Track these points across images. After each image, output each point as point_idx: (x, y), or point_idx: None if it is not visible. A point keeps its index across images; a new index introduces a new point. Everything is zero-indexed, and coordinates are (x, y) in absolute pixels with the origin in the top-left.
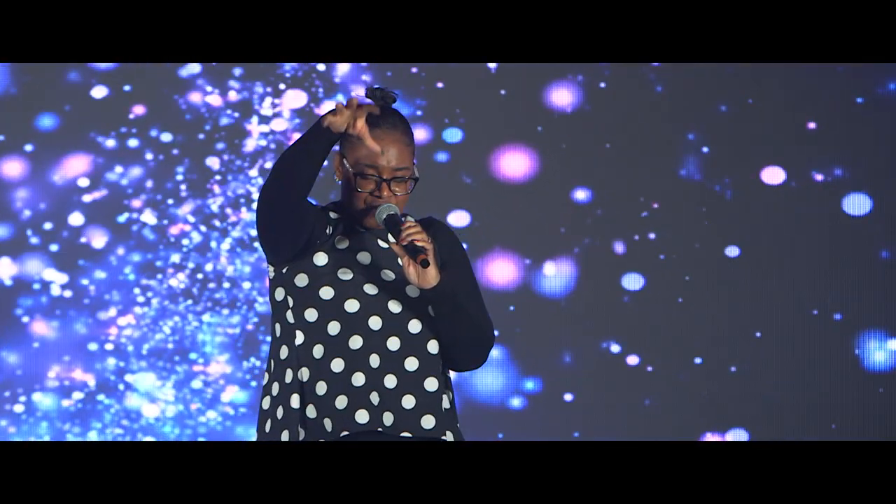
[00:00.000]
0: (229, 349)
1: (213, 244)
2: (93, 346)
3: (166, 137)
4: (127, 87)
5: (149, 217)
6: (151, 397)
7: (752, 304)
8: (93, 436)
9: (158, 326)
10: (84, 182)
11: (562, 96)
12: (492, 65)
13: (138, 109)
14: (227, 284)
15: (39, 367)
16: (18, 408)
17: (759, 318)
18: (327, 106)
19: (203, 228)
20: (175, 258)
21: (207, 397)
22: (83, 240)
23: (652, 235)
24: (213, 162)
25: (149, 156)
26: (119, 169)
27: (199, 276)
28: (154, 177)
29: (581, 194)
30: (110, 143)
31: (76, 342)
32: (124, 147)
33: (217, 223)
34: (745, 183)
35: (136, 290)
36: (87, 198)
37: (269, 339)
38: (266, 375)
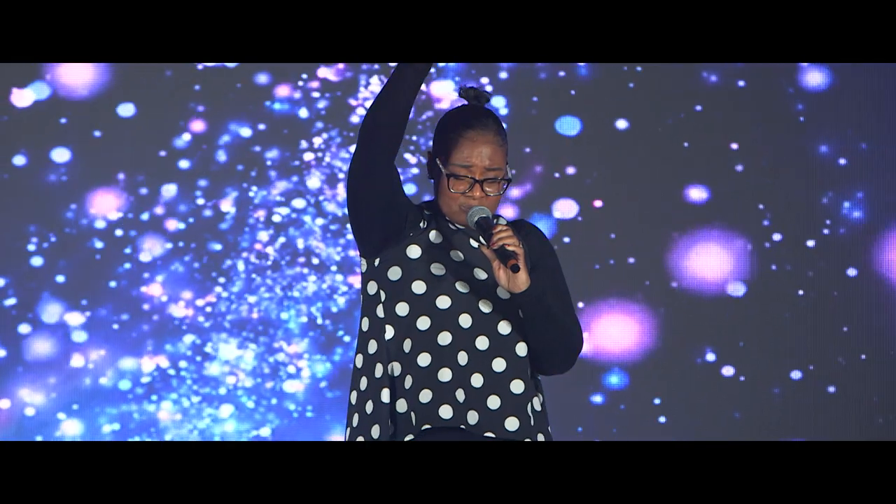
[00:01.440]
0: (306, 332)
1: (308, 218)
2: (179, 312)
3: (245, 132)
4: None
5: (228, 206)
6: (231, 366)
7: (863, 327)
8: (166, 406)
9: (244, 298)
10: (175, 171)
11: (691, 96)
12: (630, 64)
13: (216, 103)
14: (315, 261)
15: (124, 350)
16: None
17: (869, 341)
18: (437, 85)
19: (299, 205)
20: (263, 236)
21: (283, 376)
22: (154, 234)
23: (766, 244)
24: (316, 140)
25: (223, 155)
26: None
27: (289, 249)
28: (242, 162)
29: (697, 193)
30: (186, 136)
31: (152, 328)
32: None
33: (311, 199)
34: (876, 202)
35: (215, 273)
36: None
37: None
38: (354, 371)
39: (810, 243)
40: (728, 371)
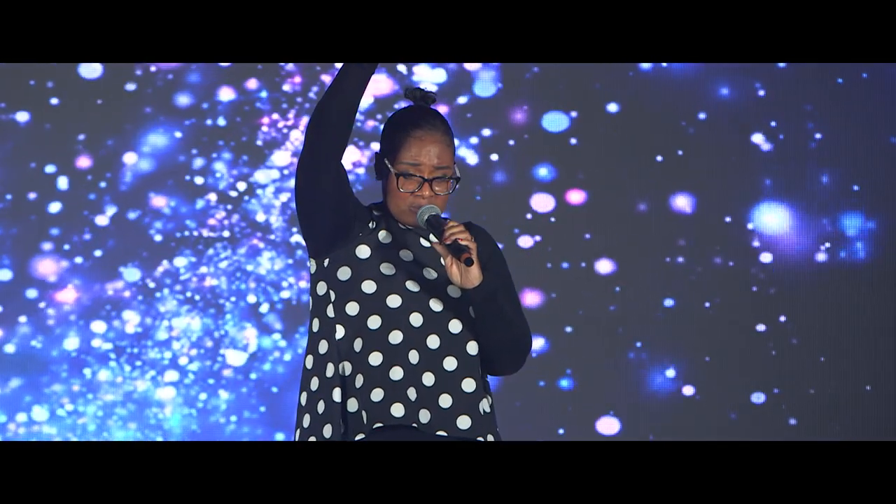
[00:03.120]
0: (251, 318)
1: (268, 192)
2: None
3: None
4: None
5: (159, 202)
6: (182, 335)
7: (861, 360)
8: (103, 375)
9: (196, 269)
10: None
11: (697, 103)
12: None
13: (184, 98)
14: (273, 237)
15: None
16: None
17: (844, 375)
18: (419, 70)
19: (261, 178)
20: (220, 214)
21: (224, 352)
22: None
23: (752, 265)
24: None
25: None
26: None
27: (246, 222)
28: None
29: (682, 202)
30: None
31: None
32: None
33: (276, 174)
34: (882, 234)
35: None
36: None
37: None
38: (304, 372)
39: (800, 269)
40: (688, 391)
